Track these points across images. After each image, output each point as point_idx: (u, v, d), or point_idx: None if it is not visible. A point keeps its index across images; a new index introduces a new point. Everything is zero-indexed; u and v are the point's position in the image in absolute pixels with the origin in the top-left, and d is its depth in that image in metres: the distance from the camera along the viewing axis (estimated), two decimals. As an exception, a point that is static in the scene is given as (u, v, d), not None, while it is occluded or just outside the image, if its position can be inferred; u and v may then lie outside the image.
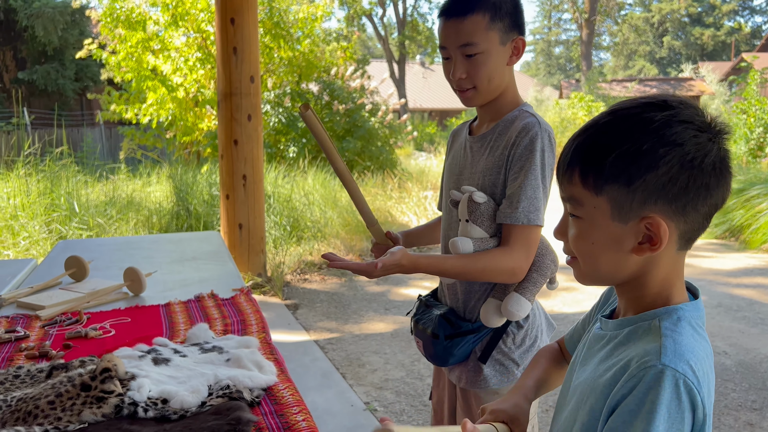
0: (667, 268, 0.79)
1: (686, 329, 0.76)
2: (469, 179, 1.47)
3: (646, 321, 0.79)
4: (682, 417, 0.70)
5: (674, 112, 0.74)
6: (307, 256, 5.58)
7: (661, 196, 0.73)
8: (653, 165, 0.72)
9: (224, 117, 4.60)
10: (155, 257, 2.58)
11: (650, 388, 0.70)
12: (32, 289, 2.07)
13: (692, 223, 0.76)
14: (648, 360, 0.72)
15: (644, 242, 0.76)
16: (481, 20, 1.33)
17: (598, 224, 0.78)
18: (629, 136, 0.74)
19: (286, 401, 1.27)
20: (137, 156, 10.56)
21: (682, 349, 0.72)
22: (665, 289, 0.80)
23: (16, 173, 6.42)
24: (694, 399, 0.70)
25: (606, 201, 0.76)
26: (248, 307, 1.92)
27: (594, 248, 0.79)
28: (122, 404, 1.17)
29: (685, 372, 0.70)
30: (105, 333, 1.69)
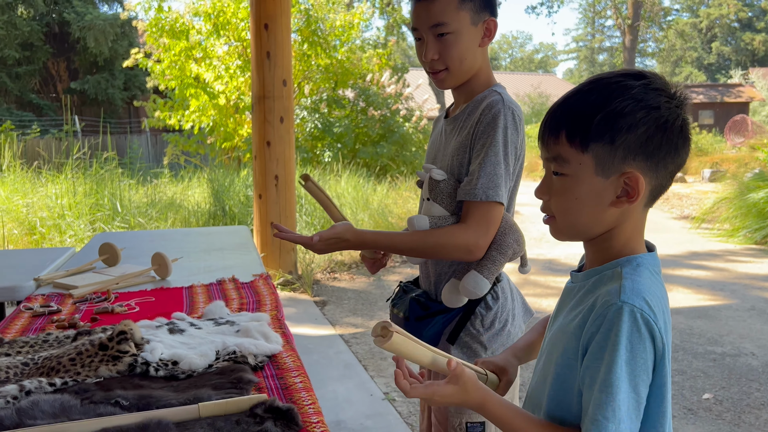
0: (633, 223, 0.88)
1: (644, 273, 0.86)
2: (441, 161, 1.47)
3: (610, 269, 0.88)
4: (644, 346, 0.79)
5: (648, 80, 0.84)
6: (337, 255, 5.68)
7: (640, 152, 0.83)
8: (633, 125, 0.82)
9: (258, 119, 4.76)
10: (185, 247, 2.71)
11: (613, 323, 0.80)
12: (68, 272, 2.21)
13: (661, 179, 0.86)
14: (609, 299, 0.82)
15: (622, 195, 0.85)
16: (451, 0, 1.35)
17: (582, 179, 0.86)
18: (612, 100, 0.83)
19: (288, 366, 1.35)
20: (180, 161, 10.90)
21: (639, 287, 0.82)
22: (630, 241, 0.89)
23: (64, 176, 6.74)
24: (651, 330, 0.80)
25: (591, 158, 0.85)
26: (265, 289, 2.01)
27: (577, 203, 0.88)
28: (135, 363, 1.27)
29: (641, 306, 0.80)
30: (130, 309, 1.81)
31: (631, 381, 0.79)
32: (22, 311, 1.78)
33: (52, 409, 1.07)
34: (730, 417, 2.79)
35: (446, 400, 0.95)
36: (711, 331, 3.91)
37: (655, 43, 40.38)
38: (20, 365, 1.28)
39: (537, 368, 1.00)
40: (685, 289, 4.95)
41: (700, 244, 6.79)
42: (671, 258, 6.06)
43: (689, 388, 3.11)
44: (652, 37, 38.10)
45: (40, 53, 18.79)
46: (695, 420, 2.77)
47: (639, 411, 0.80)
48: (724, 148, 16.89)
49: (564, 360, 0.88)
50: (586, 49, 47.01)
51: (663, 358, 0.81)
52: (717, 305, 4.50)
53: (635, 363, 0.79)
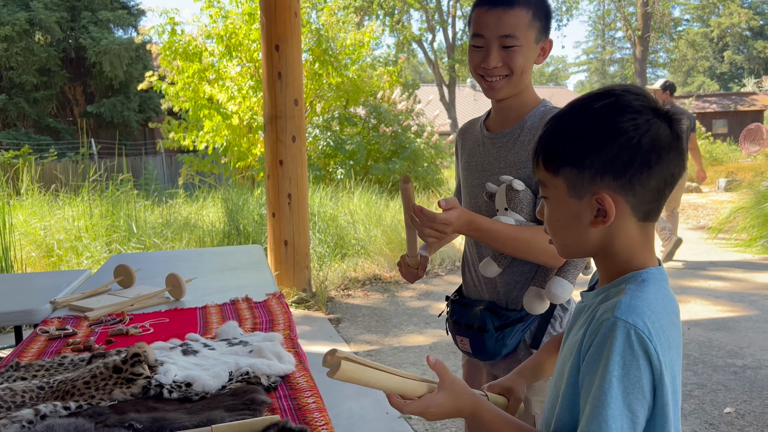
0: (629, 239, 0.87)
1: (649, 289, 0.84)
2: (497, 174, 1.49)
3: (616, 286, 0.88)
4: (637, 363, 0.77)
5: (614, 99, 0.84)
6: (351, 272, 5.69)
7: (606, 173, 0.83)
8: (597, 147, 0.83)
9: (270, 138, 4.80)
10: (199, 267, 2.73)
11: (605, 339, 0.79)
12: (83, 294, 2.23)
13: (643, 196, 0.84)
14: (605, 314, 0.82)
15: (599, 216, 0.85)
16: (525, 15, 1.38)
17: (559, 202, 0.88)
18: (576, 123, 0.86)
19: (300, 387, 1.35)
20: (195, 182, 11.00)
21: (637, 304, 0.81)
22: (632, 257, 0.88)
23: (81, 198, 6.83)
24: (646, 347, 0.78)
25: (563, 181, 0.86)
26: (278, 308, 2.02)
27: (559, 225, 0.90)
28: (149, 385, 1.28)
29: (635, 323, 0.78)
30: (144, 331, 1.83)
31: (624, 398, 0.77)
32: (38, 334, 1.80)
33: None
34: (753, 431, 2.74)
35: (441, 411, 0.95)
36: (731, 344, 3.85)
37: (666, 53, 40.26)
38: (36, 389, 1.29)
39: (550, 388, 0.99)
40: (703, 300, 4.88)
41: (717, 254, 6.71)
42: (688, 269, 5.98)
43: (710, 402, 3.05)
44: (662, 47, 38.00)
45: (57, 78, 19.15)
46: (717, 435, 2.72)
47: (635, 430, 0.78)
48: (739, 157, 16.73)
49: (570, 379, 0.88)
50: (596, 61, 46.97)
51: (662, 378, 0.79)
52: (736, 317, 4.43)
53: (628, 380, 0.77)
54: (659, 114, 0.83)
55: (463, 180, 1.65)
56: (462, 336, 1.55)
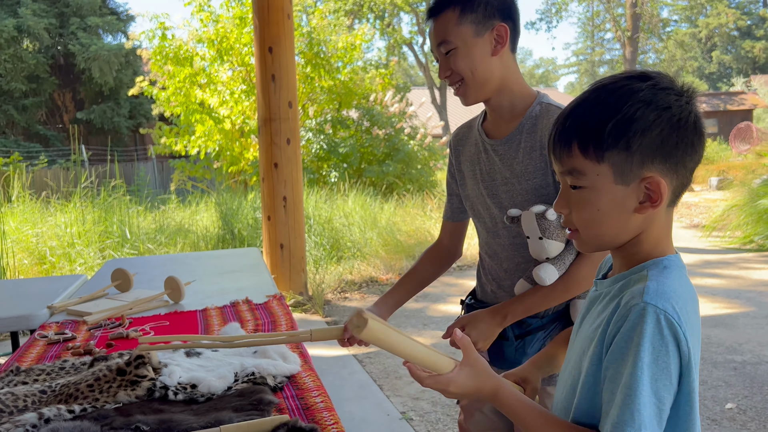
0: (659, 225, 0.86)
1: (672, 275, 0.83)
2: (506, 184, 1.44)
3: (636, 273, 0.86)
4: (666, 350, 0.76)
5: (655, 81, 0.82)
6: (348, 275, 5.66)
7: (657, 155, 0.81)
8: (647, 128, 0.80)
9: (264, 141, 4.78)
10: (197, 271, 2.70)
11: (635, 325, 0.77)
12: (81, 299, 2.20)
13: (682, 178, 0.84)
14: (632, 300, 0.80)
15: (645, 201, 0.83)
16: (451, 16, 1.34)
17: (602, 190, 0.84)
18: (621, 106, 0.81)
19: (307, 386, 1.33)
20: (187, 187, 10.94)
21: (665, 289, 0.80)
22: (658, 244, 0.87)
23: (73, 205, 6.77)
24: (675, 333, 0.77)
25: (608, 167, 0.82)
26: (279, 309, 2.00)
27: (599, 214, 0.85)
28: (154, 387, 1.26)
29: (665, 308, 0.77)
30: (145, 334, 1.80)
31: (652, 385, 0.76)
32: (37, 339, 1.77)
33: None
34: (755, 426, 2.73)
35: (461, 389, 0.93)
36: (729, 340, 3.86)
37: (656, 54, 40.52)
38: (38, 393, 1.26)
39: (562, 378, 0.98)
40: (700, 297, 4.87)
41: (712, 252, 6.73)
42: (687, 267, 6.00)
43: (711, 398, 3.05)
44: (652, 48, 38.24)
45: (46, 85, 19.04)
46: (719, 430, 2.72)
47: (660, 417, 0.77)
48: (730, 156, 16.85)
49: (590, 368, 0.86)
50: (586, 62, 47.20)
51: (689, 364, 0.78)
52: (734, 313, 4.44)
53: (657, 367, 0.76)
54: (687, 94, 0.83)
55: (466, 189, 1.56)
56: None
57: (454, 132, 1.63)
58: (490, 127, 1.50)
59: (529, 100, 1.43)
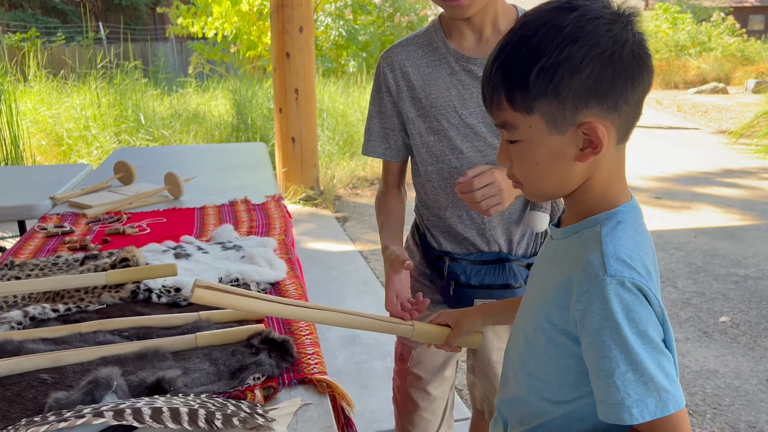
0: (608, 168, 0.79)
1: (626, 231, 0.77)
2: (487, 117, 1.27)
3: (588, 228, 0.79)
4: (643, 307, 0.72)
5: (582, 11, 0.72)
6: (360, 171, 5.65)
7: (591, 98, 0.72)
8: (576, 70, 0.71)
9: (276, 29, 4.60)
10: (201, 165, 2.71)
11: (606, 302, 0.72)
12: (83, 190, 2.23)
13: (626, 116, 0.75)
14: (593, 271, 0.74)
15: (585, 147, 0.75)
16: None
17: (537, 142, 0.77)
18: (545, 47, 0.72)
19: (290, 295, 1.36)
20: (205, 70, 10.76)
21: (622, 251, 0.74)
22: (608, 189, 0.80)
23: (88, 86, 6.73)
24: (646, 294, 0.72)
25: (539, 117, 0.75)
26: (276, 212, 2.01)
27: (539, 167, 0.79)
28: (138, 290, 1.29)
29: (630, 275, 0.72)
30: (141, 231, 1.83)
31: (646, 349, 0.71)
32: (36, 231, 1.82)
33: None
34: (745, 341, 2.78)
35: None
36: (735, 253, 3.85)
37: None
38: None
39: (515, 326, 0.94)
40: (713, 207, 4.83)
41: (735, 160, 6.56)
42: (702, 175, 5.89)
43: (706, 310, 3.09)
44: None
45: (62, -44, 18.31)
46: (709, 343, 2.77)
47: (666, 355, 0.72)
48: (773, 57, 15.96)
49: (542, 327, 0.81)
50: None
51: (665, 323, 0.74)
52: (745, 225, 4.40)
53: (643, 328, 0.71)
54: (624, 18, 0.73)
55: (427, 121, 1.33)
56: (483, 299, 1.34)
57: (388, 52, 1.37)
58: (466, 46, 1.30)
59: (510, 14, 1.30)
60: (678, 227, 4.36)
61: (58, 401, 0.88)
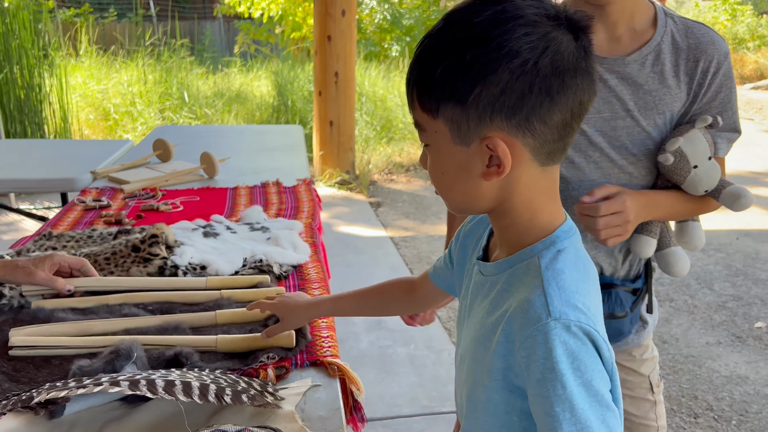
0: (531, 189, 0.69)
1: (567, 261, 0.68)
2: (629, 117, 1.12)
3: (525, 260, 0.70)
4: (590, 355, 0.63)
5: (501, 8, 0.62)
6: (396, 156, 5.66)
7: (497, 110, 0.63)
8: (481, 76, 0.62)
9: (319, 12, 4.62)
10: (237, 145, 2.76)
11: (549, 348, 0.62)
12: (123, 166, 2.30)
13: (544, 135, 0.65)
14: (536, 314, 0.64)
15: (492, 165, 0.66)
16: None
17: (442, 150, 0.68)
18: (455, 45, 0.63)
19: (311, 278, 1.39)
20: (251, 50, 10.86)
21: (567, 293, 0.65)
22: (536, 213, 0.70)
23: (135, 63, 6.89)
24: (594, 340, 0.64)
25: (444, 123, 0.66)
26: (305, 195, 2.04)
27: (445, 178, 0.70)
28: (165, 266, 1.34)
29: (577, 318, 0.63)
30: (174, 208, 1.88)
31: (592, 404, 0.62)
32: (76, 204, 1.89)
33: (83, 306, 1.15)
34: (780, 348, 2.71)
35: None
36: (779, 258, 3.72)
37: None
38: (63, 260, 1.37)
39: (461, 370, 0.80)
40: (760, 209, 4.67)
41: (786, 161, 6.32)
42: (751, 175, 5.69)
43: (742, 315, 3.01)
44: None
45: (116, -67, 18.66)
46: (742, 348, 2.71)
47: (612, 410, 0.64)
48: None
49: (481, 381, 0.72)
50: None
51: (612, 369, 0.66)
52: (792, 230, 4.24)
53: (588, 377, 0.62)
54: (561, 23, 0.63)
55: None
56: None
57: None
58: (596, 42, 1.15)
59: (649, 13, 1.12)
60: (720, 228, 4.23)
61: (81, 368, 0.93)
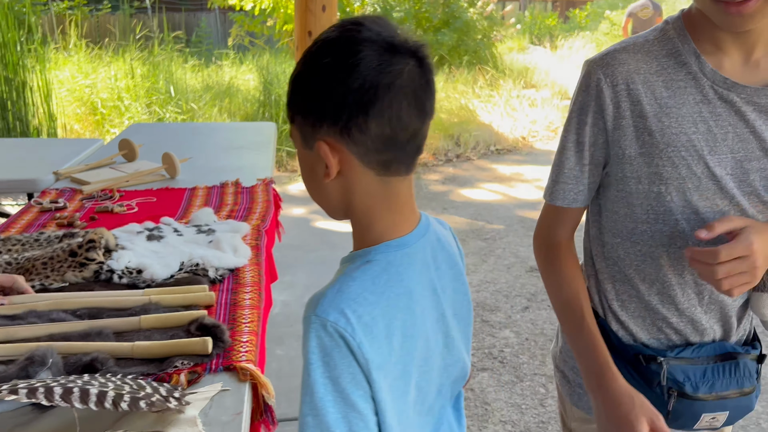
0: (370, 198, 0.77)
1: (369, 273, 0.75)
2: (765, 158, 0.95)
3: (344, 262, 0.80)
4: (343, 359, 0.70)
5: (336, 33, 0.74)
6: (381, 151, 5.67)
7: (325, 118, 0.73)
8: (312, 90, 0.74)
9: (299, 7, 4.63)
10: (207, 143, 2.79)
11: (307, 340, 0.72)
12: (87, 166, 2.34)
13: (365, 144, 0.73)
14: (311, 307, 0.73)
15: (326, 168, 0.76)
16: None
17: (299, 154, 0.80)
18: (307, 59, 0.75)
19: (245, 282, 1.42)
20: (245, 43, 10.85)
21: (342, 297, 0.72)
22: (373, 222, 0.78)
23: (122, 57, 6.91)
24: (349, 344, 0.70)
25: (296, 129, 0.78)
26: (262, 196, 2.07)
27: (305, 180, 0.82)
28: (101, 270, 1.38)
29: (336, 320, 0.70)
30: (129, 210, 1.92)
31: (336, 395, 0.70)
32: (32, 206, 1.92)
33: (11, 312, 1.19)
34: None
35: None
36: None
37: None
38: (3, 264, 1.41)
39: None
40: None
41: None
42: None
43: None
44: None
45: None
46: None
47: (358, 412, 0.71)
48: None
49: None
50: None
51: (371, 374, 0.71)
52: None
53: (335, 375, 0.70)
54: (386, 47, 0.72)
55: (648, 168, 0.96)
56: (714, 412, 1.00)
57: (607, 58, 0.97)
58: (729, 65, 0.94)
59: None
60: None
61: (-7, 375, 0.96)
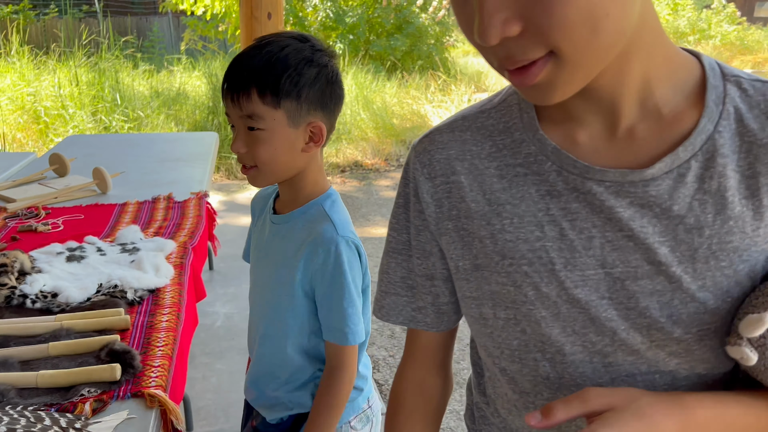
0: (318, 163, 1.11)
1: (339, 206, 1.11)
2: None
3: (313, 207, 1.10)
4: (358, 264, 1.09)
5: (312, 43, 1.04)
6: (332, 157, 5.67)
7: (319, 104, 1.04)
8: (312, 82, 1.02)
9: (244, 15, 4.58)
10: (143, 156, 2.75)
11: (338, 254, 1.05)
12: (14, 182, 2.28)
13: (333, 123, 1.09)
14: (330, 236, 1.06)
15: (309, 141, 1.06)
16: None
17: (277, 132, 1.02)
18: (291, 62, 1.00)
19: (164, 303, 1.41)
20: (198, 47, 10.70)
21: (343, 221, 1.09)
22: (317, 180, 1.12)
23: (66, 64, 6.73)
24: (359, 250, 1.09)
25: (283, 113, 1.01)
26: (193, 211, 2.05)
27: (275, 153, 1.04)
28: (13, 295, 1.34)
29: (351, 237, 1.07)
30: (54, 228, 1.88)
31: (356, 291, 1.07)
32: (-48, 226, 1.86)
33: None
34: None
35: None
36: None
37: None
38: None
39: (252, 300, 1.22)
40: None
41: None
42: None
43: None
44: None
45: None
46: None
47: (359, 297, 1.09)
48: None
49: (285, 289, 1.10)
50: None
51: (366, 269, 1.11)
52: None
53: (355, 277, 1.07)
54: (331, 55, 1.05)
55: (485, 286, 0.66)
56: None
57: (427, 140, 0.70)
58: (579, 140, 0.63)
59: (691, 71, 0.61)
60: None
61: None
